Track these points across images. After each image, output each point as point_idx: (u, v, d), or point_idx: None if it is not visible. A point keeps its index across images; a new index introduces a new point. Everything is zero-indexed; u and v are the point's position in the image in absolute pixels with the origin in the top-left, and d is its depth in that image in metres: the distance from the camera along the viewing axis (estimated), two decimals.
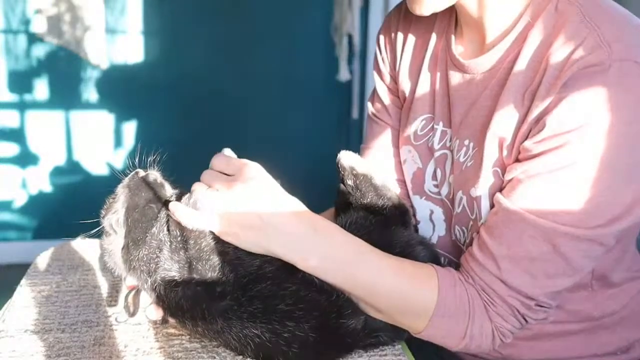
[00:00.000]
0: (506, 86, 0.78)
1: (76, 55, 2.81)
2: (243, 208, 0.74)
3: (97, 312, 0.88)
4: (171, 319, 0.79)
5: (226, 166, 0.78)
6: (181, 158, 1.30)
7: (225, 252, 0.74)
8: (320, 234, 0.76)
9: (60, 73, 2.86)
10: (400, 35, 0.97)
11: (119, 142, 2.99)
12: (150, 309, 0.78)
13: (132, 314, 0.77)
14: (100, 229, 0.79)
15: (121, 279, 0.81)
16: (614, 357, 0.89)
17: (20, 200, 2.97)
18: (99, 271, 1.01)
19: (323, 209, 0.95)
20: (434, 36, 0.92)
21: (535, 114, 0.73)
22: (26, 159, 2.92)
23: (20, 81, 2.84)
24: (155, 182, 0.79)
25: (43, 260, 1.06)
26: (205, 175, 0.78)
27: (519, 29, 0.78)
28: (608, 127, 0.69)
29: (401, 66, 0.96)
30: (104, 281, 0.98)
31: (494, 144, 0.79)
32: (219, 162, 0.79)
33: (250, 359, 0.76)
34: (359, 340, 0.78)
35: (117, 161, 2.99)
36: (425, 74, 0.92)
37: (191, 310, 0.74)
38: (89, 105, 2.93)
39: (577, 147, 0.70)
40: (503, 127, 0.77)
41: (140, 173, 0.80)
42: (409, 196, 0.97)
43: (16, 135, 2.89)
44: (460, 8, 0.84)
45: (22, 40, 2.80)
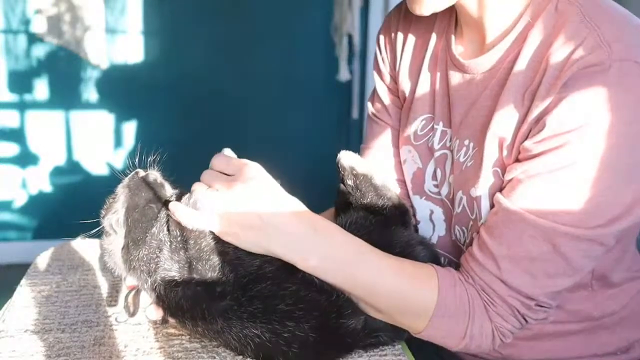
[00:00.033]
0: (506, 86, 0.78)
1: (76, 55, 2.81)
2: (243, 208, 0.74)
3: (97, 312, 0.88)
4: (171, 319, 0.79)
5: (226, 166, 0.78)
6: (181, 158, 1.30)
7: (225, 252, 0.74)
8: (320, 234, 0.76)
9: (60, 73, 2.86)
10: (400, 35, 0.97)
11: (119, 142, 2.99)
12: (150, 309, 0.78)
13: (132, 314, 0.77)
14: (100, 229, 0.79)
15: (121, 279, 0.81)
16: (614, 357, 0.89)
17: (20, 200, 2.97)
18: (99, 271, 1.01)
19: (323, 209, 0.95)
20: (434, 36, 0.92)
21: (535, 114, 0.73)
22: (26, 159, 2.92)
23: (20, 81, 2.84)
24: (155, 182, 0.79)
25: (43, 260, 1.06)
26: (205, 175, 0.78)
27: (519, 29, 0.78)
28: (608, 127, 0.69)
29: (401, 66, 0.96)
30: (104, 281, 0.98)
31: (494, 144, 0.79)
32: (219, 162, 0.79)
33: (250, 359, 0.76)
34: (359, 340, 0.78)
35: (117, 161, 2.99)
36: (425, 74, 0.92)
37: (191, 310, 0.74)
38: (89, 105, 2.93)
39: (577, 147, 0.70)
40: (503, 127, 0.77)
41: (140, 173, 0.80)
42: (409, 196, 0.97)
43: (16, 135, 2.89)
44: (460, 8, 0.84)
45: (22, 40, 2.80)
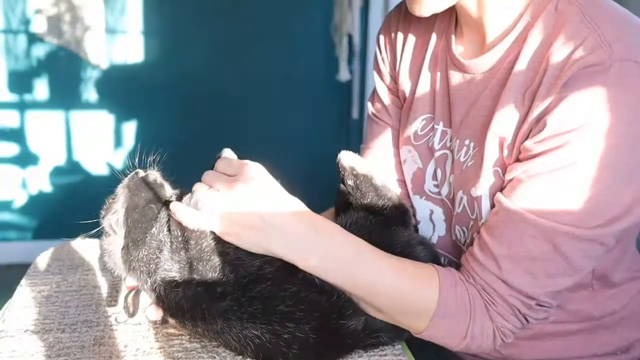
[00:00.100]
0: (506, 86, 0.78)
1: (76, 55, 2.81)
2: (244, 208, 0.74)
3: (97, 312, 0.88)
4: (171, 320, 0.79)
5: (228, 167, 0.78)
6: (181, 158, 1.30)
7: (225, 253, 0.74)
8: (320, 233, 0.76)
9: (60, 73, 2.86)
10: (400, 35, 0.97)
11: (119, 142, 2.99)
12: (150, 310, 0.78)
13: (132, 315, 0.77)
14: (100, 229, 0.79)
15: (121, 279, 0.81)
16: (614, 356, 0.89)
17: (20, 200, 2.97)
18: (99, 271, 1.01)
19: (323, 209, 0.95)
20: (434, 36, 0.92)
21: (535, 113, 0.73)
22: (26, 159, 2.92)
23: (20, 81, 2.84)
24: (155, 183, 0.79)
25: (43, 260, 1.06)
26: (206, 176, 0.78)
27: (519, 29, 0.78)
28: (608, 127, 0.69)
29: (401, 66, 0.96)
30: (104, 281, 0.98)
31: (494, 143, 0.79)
32: (221, 163, 0.79)
33: (250, 359, 0.76)
34: (359, 341, 0.78)
35: (117, 161, 2.99)
36: (426, 73, 0.92)
37: (191, 311, 0.74)
38: (89, 105, 2.93)
39: (577, 147, 0.70)
40: (503, 127, 0.77)
41: (140, 173, 0.80)
42: (409, 196, 0.97)
43: (16, 135, 2.89)
44: (460, 8, 0.84)
45: (22, 40, 2.80)
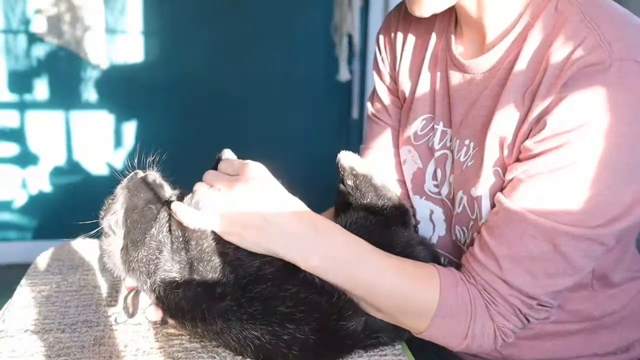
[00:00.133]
0: (506, 86, 0.78)
1: (76, 55, 2.81)
2: (244, 208, 0.74)
3: (97, 312, 0.88)
4: (170, 320, 0.79)
5: (229, 167, 0.78)
6: (181, 158, 1.30)
7: (225, 253, 0.74)
8: (321, 233, 0.76)
9: (60, 73, 2.86)
10: (400, 36, 0.97)
11: (119, 142, 2.99)
12: (149, 310, 0.78)
13: (132, 315, 0.77)
14: (100, 229, 0.79)
15: (121, 279, 0.81)
16: (614, 356, 0.89)
17: (20, 200, 2.97)
18: (98, 271, 1.01)
19: (323, 209, 0.95)
20: (433, 36, 0.92)
21: (535, 113, 0.73)
22: (26, 159, 2.92)
23: (20, 81, 2.84)
24: (154, 183, 0.79)
25: (43, 260, 1.06)
26: (207, 176, 0.78)
27: (519, 29, 0.78)
28: (608, 126, 0.69)
29: (401, 66, 0.96)
30: (103, 281, 0.98)
31: (494, 143, 0.78)
32: (223, 164, 0.79)
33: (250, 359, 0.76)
34: (359, 342, 0.78)
35: (117, 161, 2.99)
36: (426, 73, 0.92)
37: (191, 312, 0.74)
38: (89, 105, 2.93)
39: (577, 147, 0.70)
40: (504, 127, 0.77)
41: (139, 174, 0.79)
42: (409, 196, 0.97)
43: (16, 135, 2.89)
44: (459, 8, 0.84)
45: (22, 40, 2.80)
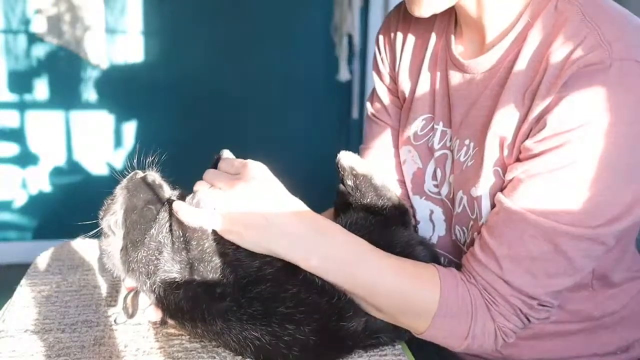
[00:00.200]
0: (506, 86, 0.78)
1: (76, 55, 2.81)
2: (245, 207, 0.74)
3: (97, 312, 0.88)
4: (170, 320, 0.79)
5: (230, 167, 0.78)
6: (181, 158, 1.30)
7: (225, 254, 0.74)
8: (321, 233, 0.76)
9: (60, 73, 2.86)
10: (399, 35, 0.97)
11: (119, 142, 2.99)
12: (149, 310, 0.78)
13: (131, 316, 0.77)
14: (100, 229, 0.79)
15: (120, 279, 0.81)
16: (613, 356, 0.89)
17: (20, 200, 2.97)
18: (98, 271, 1.01)
19: (323, 209, 0.95)
20: (433, 36, 0.92)
21: (535, 113, 0.73)
22: (26, 159, 2.92)
23: (20, 81, 2.84)
24: (154, 183, 0.79)
25: (43, 260, 1.06)
26: (207, 174, 0.78)
27: (519, 28, 0.78)
28: (608, 126, 0.69)
29: (401, 66, 0.96)
30: (103, 281, 0.98)
31: (494, 143, 0.78)
32: (223, 163, 0.79)
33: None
34: (359, 342, 0.78)
35: (117, 161, 2.99)
36: (425, 73, 0.92)
37: (191, 312, 0.74)
38: (89, 105, 2.93)
39: (577, 147, 0.70)
40: (504, 127, 0.77)
41: (139, 174, 0.79)
42: (408, 196, 0.97)
43: (16, 135, 2.89)
44: (459, 8, 0.84)
45: (22, 40, 2.80)
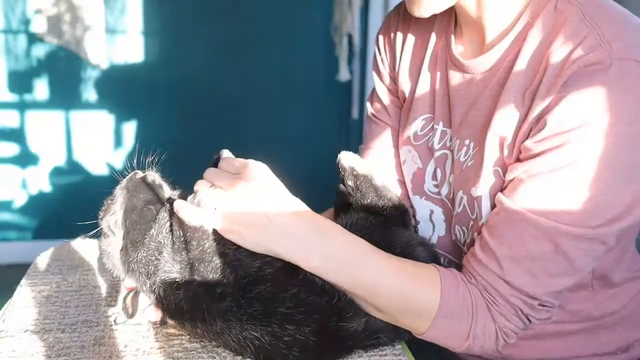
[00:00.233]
0: (506, 86, 0.78)
1: (76, 55, 2.81)
2: (246, 206, 0.74)
3: (97, 312, 0.88)
4: (170, 320, 0.79)
5: (231, 166, 0.78)
6: (181, 158, 1.30)
7: (225, 254, 0.74)
8: (322, 234, 0.76)
9: (60, 73, 2.86)
10: (399, 36, 0.97)
11: (119, 142, 2.99)
12: (149, 310, 0.78)
13: (131, 316, 0.77)
14: (100, 229, 0.79)
15: (120, 279, 0.81)
16: (613, 356, 0.89)
17: (20, 200, 2.97)
18: (98, 271, 1.01)
19: (323, 209, 0.95)
20: (433, 36, 0.92)
21: (535, 113, 0.73)
22: (26, 159, 2.92)
23: (20, 81, 2.84)
24: (153, 184, 0.78)
25: (43, 260, 1.06)
26: (208, 173, 0.78)
27: (519, 28, 0.78)
28: (608, 126, 0.69)
29: (401, 66, 0.96)
30: (103, 281, 0.98)
31: (494, 143, 0.78)
32: (224, 162, 0.79)
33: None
34: (359, 342, 0.78)
35: (117, 161, 2.99)
36: (425, 73, 0.92)
37: (191, 312, 0.73)
38: (89, 105, 2.93)
39: (577, 147, 0.70)
40: (504, 127, 0.77)
41: (139, 174, 0.79)
42: (408, 196, 0.97)
43: (16, 135, 2.89)
44: (459, 8, 0.84)
45: (22, 40, 2.80)
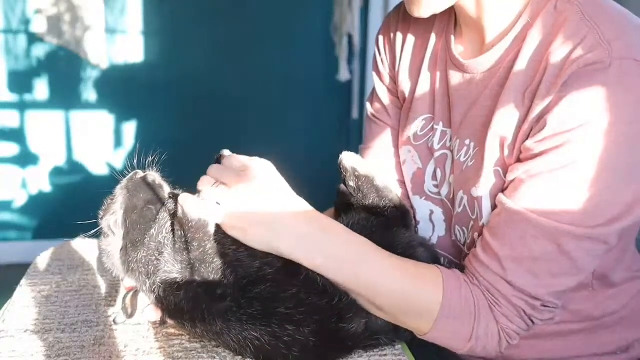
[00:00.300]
0: (506, 86, 0.78)
1: (76, 55, 2.81)
2: (248, 204, 0.74)
3: (97, 312, 0.88)
4: (170, 320, 0.79)
5: (235, 163, 0.78)
6: (181, 158, 1.30)
7: (226, 254, 0.74)
8: (325, 233, 0.76)
9: (60, 73, 2.86)
10: (399, 36, 0.97)
11: (119, 142, 2.99)
12: (148, 310, 0.78)
13: (131, 316, 0.77)
14: (100, 229, 0.79)
15: (120, 279, 0.81)
16: (613, 356, 0.89)
17: (20, 200, 2.97)
18: (98, 271, 1.01)
19: (323, 209, 0.95)
20: (433, 36, 0.92)
21: (536, 112, 0.73)
22: (26, 159, 2.92)
23: (20, 81, 2.84)
24: (154, 183, 0.78)
25: (43, 260, 1.06)
26: (212, 170, 0.78)
27: (518, 28, 0.78)
28: (608, 126, 0.69)
29: (401, 66, 0.96)
30: (103, 281, 0.98)
31: (495, 143, 0.78)
32: (227, 160, 0.79)
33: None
34: (359, 343, 0.78)
35: (117, 161, 2.99)
36: (425, 73, 0.92)
37: (191, 312, 0.73)
38: (89, 105, 2.93)
39: (577, 147, 0.70)
40: (504, 127, 0.77)
41: (139, 174, 0.79)
42: (408, 197, 0.97)
43: (16, 135, 2.89)
44: (459, 9, 0.84)
45: (22, 40, 2.80)
